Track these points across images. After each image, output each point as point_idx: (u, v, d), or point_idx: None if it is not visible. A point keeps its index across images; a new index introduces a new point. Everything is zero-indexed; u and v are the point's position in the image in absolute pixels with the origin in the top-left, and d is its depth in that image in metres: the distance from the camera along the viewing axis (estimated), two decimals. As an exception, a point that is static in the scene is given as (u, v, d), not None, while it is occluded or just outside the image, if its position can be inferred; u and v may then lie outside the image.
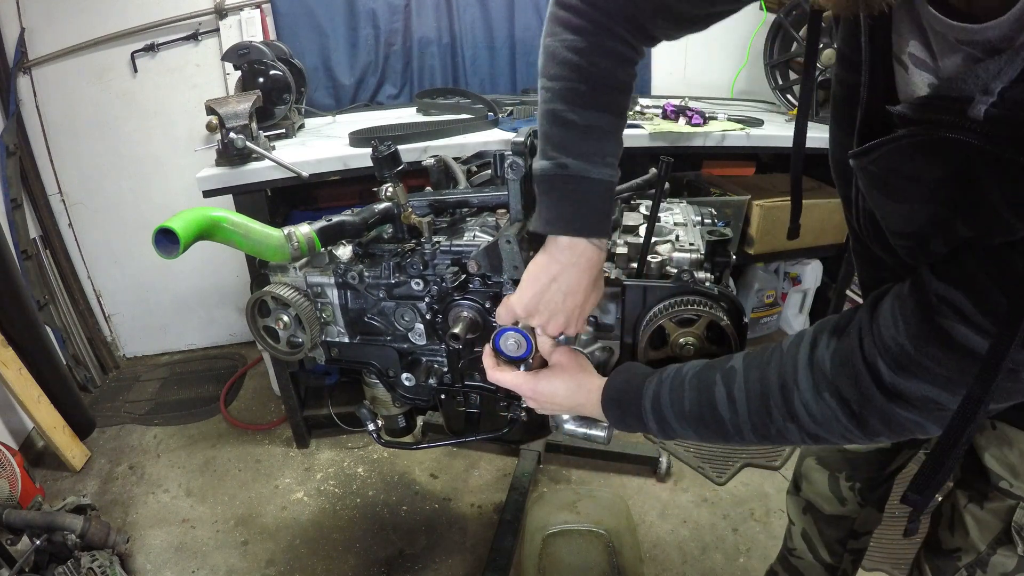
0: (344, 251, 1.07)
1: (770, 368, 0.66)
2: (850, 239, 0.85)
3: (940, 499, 0.95)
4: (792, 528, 1.31)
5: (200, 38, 2.41)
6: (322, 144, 2.02)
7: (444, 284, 0.99)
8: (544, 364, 0.87)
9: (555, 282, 0.76)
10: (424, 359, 1.10)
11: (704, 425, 0.71)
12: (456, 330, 0.94)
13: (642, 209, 1.18)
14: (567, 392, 0.82)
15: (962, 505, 0.90)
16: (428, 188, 1.27)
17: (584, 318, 0.81)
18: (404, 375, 1.10)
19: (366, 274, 1.03)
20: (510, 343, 0.88)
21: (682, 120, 2.08)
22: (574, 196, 0.71)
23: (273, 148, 1.89)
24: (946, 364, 0.51)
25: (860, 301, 0.68)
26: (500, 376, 0.87)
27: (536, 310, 0.79)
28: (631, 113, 2.16)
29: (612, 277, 0.94)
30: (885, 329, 0.55)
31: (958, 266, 0.49)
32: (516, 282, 0.94)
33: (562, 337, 0.89)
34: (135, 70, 2.42)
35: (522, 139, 0.84)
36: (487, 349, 0.90)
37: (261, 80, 2.01)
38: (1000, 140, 0.39)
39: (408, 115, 2.31)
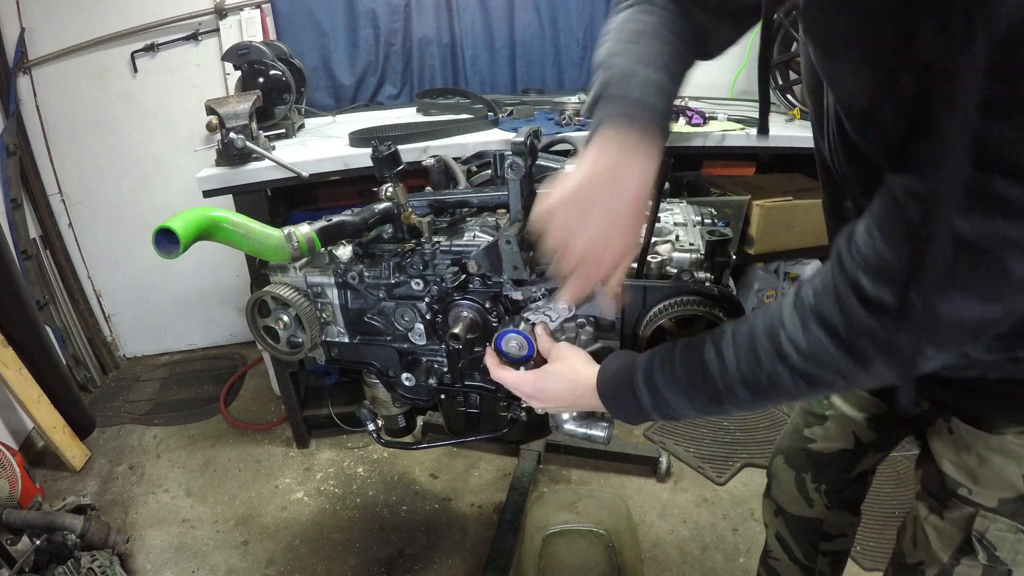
0: (344, 251, 1.07)
1: (756, 320, 0.64)
2: (825, 201, 0.84)
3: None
4: (768, 530, 1.29)
5: (200, 38, 2.41)
6: (322, 144, 2.02)
7: (444, 284, 0.99)
8: (544, 362, 0.87)
9: (596, 177, 0.65)
10: (424, 359, 1.10)
11: (696, 388, 0.68)
12: (456, 330, 0.94)
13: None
14: (568, 387, 0.82)
15: (923, 517, 0.89)
16: (428, 188, 1.27)
17: (618, 254, 0.69)
18: (404, 375, 1.10)
19: (366, 274, 1.03)
20: (512, 344, 0.88)
21: (682, 120, 2.08)
22: (624, 90, 0.66)
23: (273, 148, 1.89)
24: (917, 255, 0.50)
25: None
26: (503, 375, 0.86)
27: (553, 218, 0.68)
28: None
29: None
30: (862, 242, 0.54)
31: (913, 154, 0.50)
32: (516, 282, 0.95)
33: (554, 324, 0.89)
34: (135, 70, 2.42)
35: (522, 139, 0.84)
36: (489, 349, 0.90)
37: (261, 80, 2.01)
38: None
39: (408, 115, 2.31)
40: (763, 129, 0.86)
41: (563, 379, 0.82)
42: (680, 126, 2.04)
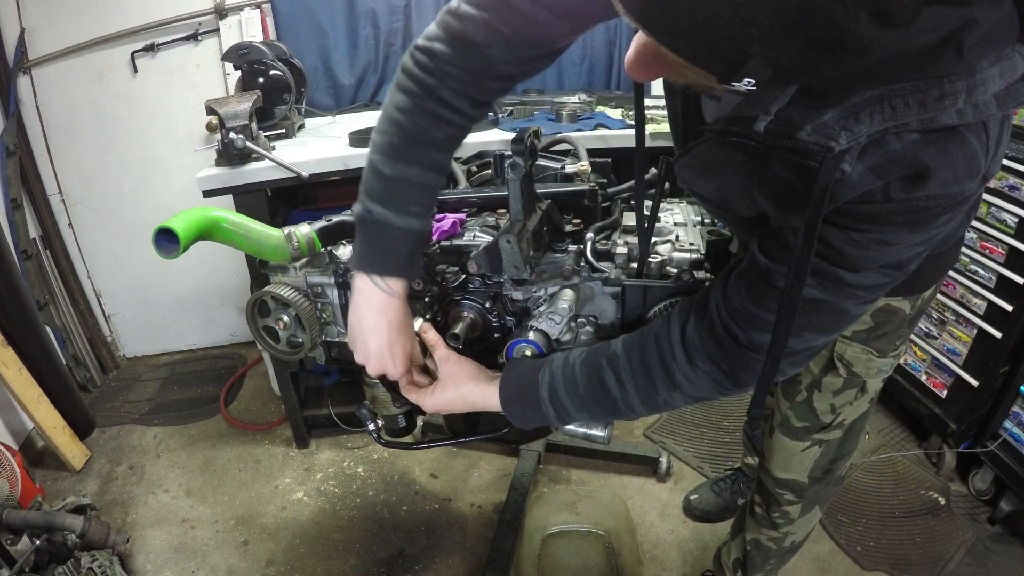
0: (344, 251, 1.07)
1: (648, 351, 0.77)
2: None
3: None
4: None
5: (200, 38, 2.41)
6: (322, 144, 2.02)
7: (444, 284, 0.99)
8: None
9: (359, 321, 0.85)
10: (424, 359, 1.10)
11: (599, 405, 0.80)
12: (456, 330, 0.94)
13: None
14: (461, 401, 0.87)
15: None
16: (428, 188, 1.26)
17: (400, 361, 0.87)
18: (404, 375, 1.10)
19: (366, 274, 1.03)
20: (526, 355, 0.88)
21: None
22: (374, 239, 0.80)
23: (273, 148, 1.89)
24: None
25: None
26: (408, 395, 0.91)
27: (354, 346, 0.88)
28: (631, 113, 2.15)
29: (612, 277, 0.94)
30: (734, 298, 0.70)
31: (778, 242, 0.66)
32: (516, 282, 0.95)
33: (559, 326, 0.90)
34: (135, 70, 2.42)
35: (522, 139, 0.84)
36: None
37: (261, 80, 2.01)
38: (774, 142, 0.57)
39: (408, 115, 2.31)
40: (640, 142, 0.93)
41: (455, 395, 0.88)
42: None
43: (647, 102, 2.27)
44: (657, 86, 2.58)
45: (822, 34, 0.38)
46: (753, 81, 0.44)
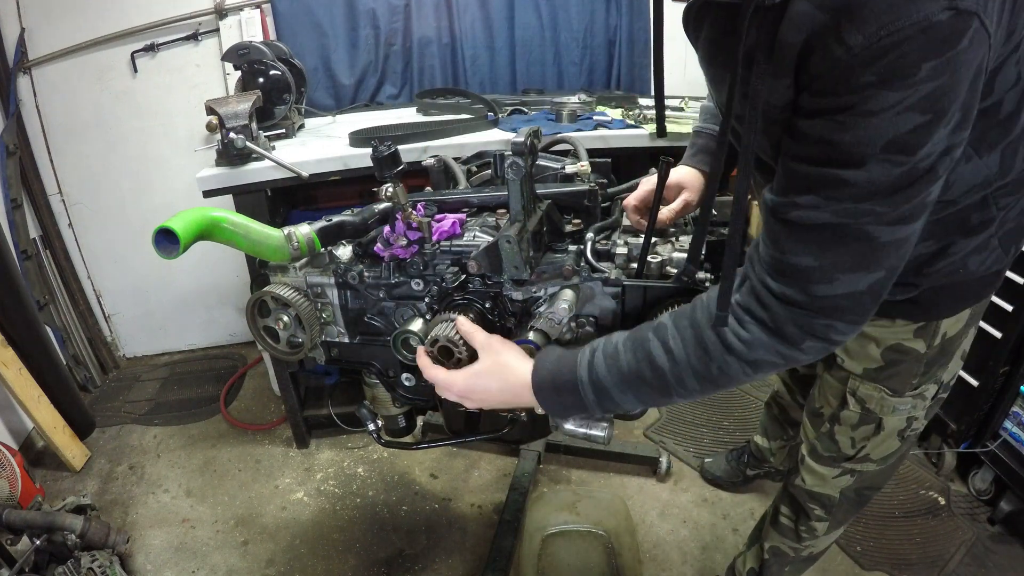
0: (344, 251, 1.07)
1: (697, 314, 0.72)
2: None
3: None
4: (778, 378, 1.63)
5: (200, 38, 2.41)
6: (322, 144, 2.02)
7: (444, 284, 0.99)
8: (475, 358, 0.85)
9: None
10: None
11: (644, 382, 0.73)
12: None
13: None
14: (500, 387, 0.82)
15: (820, 372, 1.16)
16: (428, 188, 1.27)
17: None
18: (404, 375, 1.10)
19: (366, 274, 1.03)
20: None
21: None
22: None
23: (273, 148, 1.89)
24: (802, 251, 0.63)
25: None
26: (433, 375, 0.85)
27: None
28: (631, 113, 2.16)
29: (612, 277, 0.94)
30: (762, 250, 0.68)
31: (778, 174, 0.65)
32: (516, 282, 0.95)
33: (558, 326, 0.89)
34: (135, 70, 2.42)
35: (522, 139, 0.84)
36: (421, 348, 0.89)
37: (261, 80, 2.01)
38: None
39: (408, 115, 2.31)
40: (661, 132, 0.95)
41: (495, 378, 0.81)
42: (680, 126, 2.04)
43: (647, 102, 2.28)
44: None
45: None
46: None
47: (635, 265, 0.98)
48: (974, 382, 1.83)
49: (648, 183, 1.02)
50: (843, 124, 0.56)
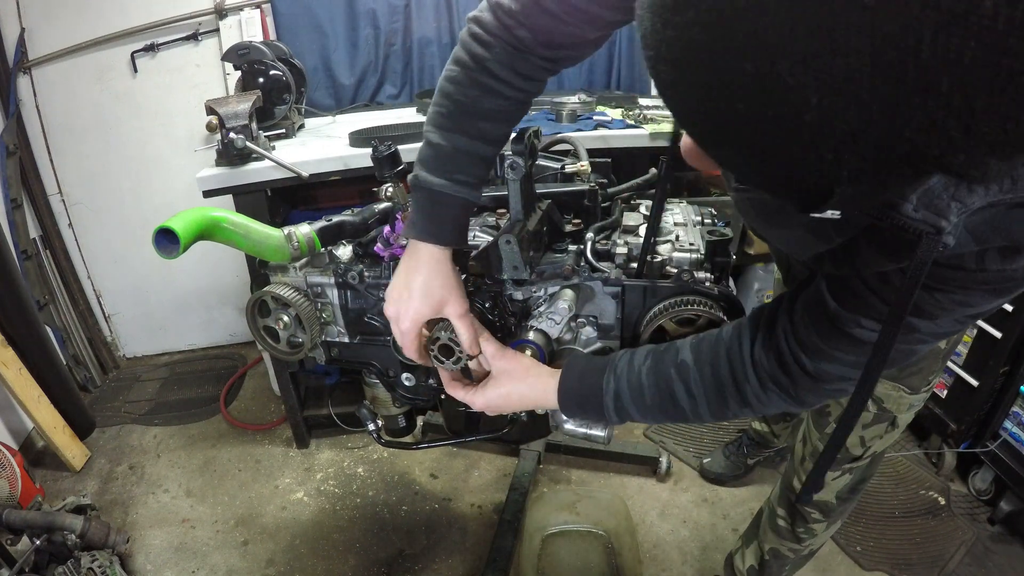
0: (344, 251, 1.07)
1: (720, 367, 0.76)
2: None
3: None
4: None
5: (200, 38, 2.41)
6: (322, 144, 2.02)
7: (444, 284, 0.98)
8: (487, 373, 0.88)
9: (397, 273, 0.84)
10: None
11: (665, 413, 0.81)
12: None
13: (642, 209, 1.18)
14: (520, 398, 0.85)
15: None
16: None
17: (410, 312, 0.83)
18: (404, 375, 1.10)
19: (366, 274, 1.03)
20: (527, 354, 0.87)
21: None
22: (422, 205, 0.81)
23: (273, 148, 1.89)
24: (850, 352, 0.66)
25: None
26: (454, 392, 0.89)
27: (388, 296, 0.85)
28: (631, 113, 2.16)
29: (612, 277, 0.94)
30: (802, 331, 0.69)
31: (848, 290, 0.64)
32: (516, 282, 0.95)
33: (559, 326, 0.89)
34: (135, 70, 2.42)
35: (522, 139, 0.84)
36: (445, 373, 0.90)
37: (261, 80, 2.01)
38: (874, 218, 0.51)
39: (408, 115, 2.31)
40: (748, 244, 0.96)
41: (514, 392, 0.85)
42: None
43: (647, 102, 2.28)
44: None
45: (930, 167, 0.33)
46: (838, 213, 0.41)
47: (635, 265, 0.98)
48: (974, 382, 1.83)
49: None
50: (938, 302, 0.59)
